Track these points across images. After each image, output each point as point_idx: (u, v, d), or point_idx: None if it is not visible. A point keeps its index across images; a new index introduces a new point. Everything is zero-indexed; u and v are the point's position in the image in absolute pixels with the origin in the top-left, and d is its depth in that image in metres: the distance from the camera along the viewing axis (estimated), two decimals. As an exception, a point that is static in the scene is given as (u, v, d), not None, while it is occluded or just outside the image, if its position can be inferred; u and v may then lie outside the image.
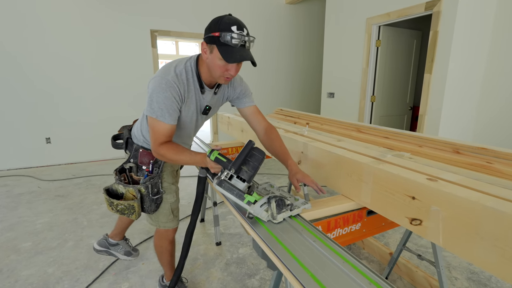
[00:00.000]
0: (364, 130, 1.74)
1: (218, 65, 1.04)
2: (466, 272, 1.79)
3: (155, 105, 1.06)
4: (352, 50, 3.73)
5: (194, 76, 1.14)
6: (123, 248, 1.77)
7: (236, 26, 0.99)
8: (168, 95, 1.05)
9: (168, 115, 1.07)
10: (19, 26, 3.56)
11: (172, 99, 1.06)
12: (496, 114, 2.81)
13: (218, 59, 1.02)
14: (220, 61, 1.02)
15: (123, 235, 1.79)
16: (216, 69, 1.06)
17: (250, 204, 0.98)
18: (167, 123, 1.08)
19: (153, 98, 1.06)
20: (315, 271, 0.73)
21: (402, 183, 0.95)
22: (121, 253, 1.76)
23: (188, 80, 1.12)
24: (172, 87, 1.06)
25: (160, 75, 1.08)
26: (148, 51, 4.27)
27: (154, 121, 1.08)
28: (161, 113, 1.06)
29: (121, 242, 1.77)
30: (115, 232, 1.75)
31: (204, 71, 1.13)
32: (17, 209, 2.66)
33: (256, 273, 1.79)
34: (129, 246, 1.80)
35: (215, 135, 5.11)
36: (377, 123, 3.74)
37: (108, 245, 1.75)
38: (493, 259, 0.73)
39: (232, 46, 0.99)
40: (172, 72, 1.08)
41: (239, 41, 0.99)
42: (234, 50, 0.99)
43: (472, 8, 2.59)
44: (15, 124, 3.76)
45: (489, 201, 0.74)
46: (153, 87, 1.06)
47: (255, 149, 1.03)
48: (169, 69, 1.10)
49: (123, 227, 1.74)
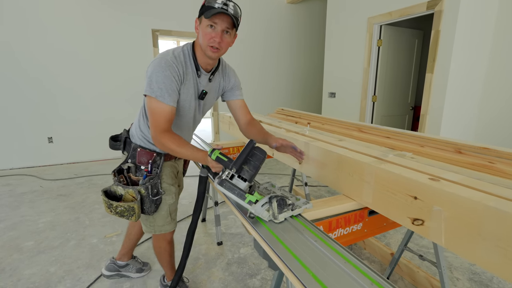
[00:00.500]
0: (365, 130, 1.74)
1: (204, 33, 1.10)
2: (467, 272, 1.79)
3: (155, 85, 1.08)
4: (353, 50, 3.73)
5: (191, 59, 1.19)
6: (133, 266, 1.74)
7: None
8: (167, 73, 1.08)
9: (168, 95, 1.09)
10: (23, 26, 3.58)
11: (171, 78, 1.09)
12: (498, 113, 2.80)
13: (204, 27, 1.10)
14: (205, 29, 1.09)
15: (132, 254, 1.75)
16: (204, 40, 1.11)
17: (251, 204, 0.98)
18: (166, 104, 1.09)
19: (153, 78, 1.08)
20: (316, 271, 0.73)
21: (404, 183, 0.94)
22: (132, 272, 1.73)
23: (186, 63, 1.17)
24: (171, 66, 1.10)
25: (159, 57, 1.12)
26: (150, 51, 4.29)
27: (153, 101, 1.09)
28: (160, 92, 1.08)
29: (130, 261, 1.74)
30: (123, 252, 1.71)
31: (199, 54, 1.19)
32: (19, 208, 2.67)
33: (257, 273, 1.79)
34: (139, 263, 1.77)
35: (216, 135, 5.12)
36: (379, 122, 3.73)
37: (118, 268, 1.72)
38: (495, 259, 0.73)
39: (214, 8, 1.06)
40: (171, 54, 1.13)
41: (220, 4, 1.06)
42: (215, 10, 1.05)
43: (474, 7, 2.58)
44: (18, 124, 3.78)
45: (491, 201, 0.74)
46: (153, 68, 1.10)
47: (257, 148, 1.03)
48: (167, 52, 1.15)
49: (131, 246, 1.70)
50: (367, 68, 3.55)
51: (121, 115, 4.25)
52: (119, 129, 1.54)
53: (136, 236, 1.68)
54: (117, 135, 1.43)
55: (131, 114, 4.25)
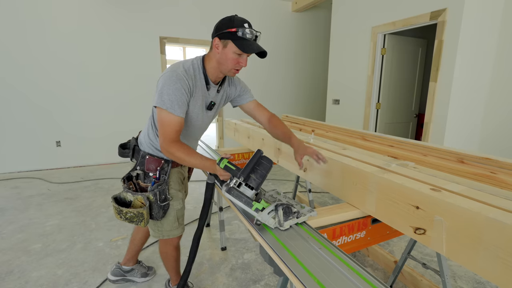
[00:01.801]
0: (369, 138, 1.76)
1: (231, 58, 1.15)
2: (472, 282, 1.78)
3: (166, 97, 1.12)
4: (357, 58, 3.77)
5: (200, 73, 1.23)
6: (138, 271, 1.76)
7: (247, 24, 1.14)
8: (178, 86, 1.13)
9: (178, 107, 1.13)
10: (34, 32, 3.68)
11: (182, 91, 1.13)
12: (502, 122, 2.80)
13: (231, 53, 1.14)
14: (233, 54, 1.14)
15: (137, 259, 1.78)
16: (229, 62, 1.17)
17: (258, 211, 1.01)
18: (176, 115, 1.14)
19: (164, 91, 1.13)
20: (321, 277, 0.76)
21: (406, 192, 0.97)
22: (138, 276, 1.76)
23: (195, 76, 1.21)
24: (182, 79, 1.14)
25: (170, 70, 1.16)
26: (157, 57, 4.37)
27: (163, 112, 1.13)
28: (171, 104, 1.12)
29: (135, 266, 1.76)
30: (128, 257, 1.74)
31: (211, 67, 1.23)
32: (27, 211, 2.72)
33: (261, 279, 1.80)
34: (144, 267, 1.80)
35: (220, 140, 5.16)
36: (382, 130, 3.75)
37: (123, 273, 1.74)
38: (496, 269, 0.74)
39: (247, 39, 1.12)
40: (181, 67, 1.18)
41: (252, 35, 1.13)
42: (250, 43, 1.13)
43: (477, 18, 2.61)
44: (28, 128, 3.87)
45: (491, 212, 0.76)
46: (164, 81, 1.14)
47: (264, 158, 1.06)
48: (178, 65, 1.19)
49: (136, 251, 1.73)
50: (371, 76, 3.58)
51: (128, 120, 4.33)
52: (126, 134, 1.58)
53: (141, 241, 1.71)
54: (125, 143, 1.47)
55: (138, 119, 4.32)
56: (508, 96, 2.73)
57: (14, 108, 3.75)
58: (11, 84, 3.69)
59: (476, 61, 2.73)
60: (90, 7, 3.89)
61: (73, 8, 3.82)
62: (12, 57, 3.64)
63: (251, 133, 2.21)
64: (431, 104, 2.89)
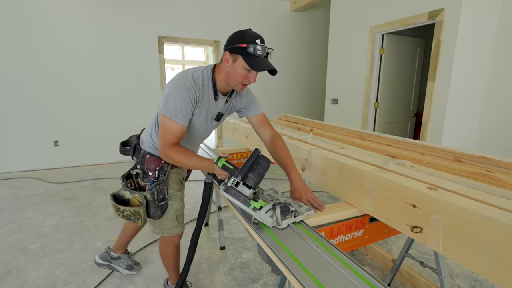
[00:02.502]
0: (367, 138, 1.77)
1: (240, 73, 1.13)
2: (469, 280, 1.79)
3: (171, 105, 1.12)
4: (356, 57, 3.78)
5: (209, 84, 1.21)
6: (125, 262, 1.78)
7: (260, 40, 1.11)
8: (184, 96, 1.12)
9: (182, 115, 1.13)
10: (33, 32, 3.67)
11: (187, 100, 1.13)
12: (500, 121, 2.82)
13: (240, 68, 1.12)
14: (242, 70, 1.12)
15: (125, 249, 1.80)
16: (237, 77, 1.15)
17: (255, 210, 1.01)
18: (179, 123, 1.14)
19: (170, 99, 1.12)
20: (318, 276, 0.76)
21: (403, 191, 0.97)
22: (122, 267, 1.77)
23: (204, 86, 1.20)
24: (189, 89, 1.13)
25: (178, 78, 1.15)
26: (155, 57, 4.36)
27: (166, 120, 1.14)
28: (175, 113, 1.12)
29: (123, 256, 1.79)
30: (118, 245, 1.76)
31: (220, 79, 1.21)
32: (25, 211, 2.71)
33: (260, 278, 1.81)
34: (131, 260, 1.81)
35: (219, 140, 5.16)
36: (381, 129, 3.76)
37: (110, 259, 1.77)
38: (492, 267, 0.75)
39: (257, 56, 1.10)
40: (190, 77, 1.16)
41: (263, 52, 1.10)
42: (259, 60, 1.10)
43: (475, 18, 2.62)
44: (25, 128, 3.85)
45: (487, 211, 0.76)
46: (171, 88, 1.13)
47: (261, 156, 1.06)
48: (187, 73, 1.18)
49: (126, 240, 1.75)
50: (369, 76, 3.59)
51: (126, 120, 4.31)
52: (124, 134, 1.58)
53: (132, 232, 1.72)
54: (127, 141, 1.47)
55: (135, 118, 4.32)
56: (506, 96, 2.75)
57: (12, 108, 3.73)
58: (9, 83, 3.67)
59: (474, 60, 2.74)
60: (90, 7, 3.87)
61: (74, 7, 3.80)
62: (12, 57, 3.62)
63: (250, 132, 2.21)
64: (429, 103, 2.90)
